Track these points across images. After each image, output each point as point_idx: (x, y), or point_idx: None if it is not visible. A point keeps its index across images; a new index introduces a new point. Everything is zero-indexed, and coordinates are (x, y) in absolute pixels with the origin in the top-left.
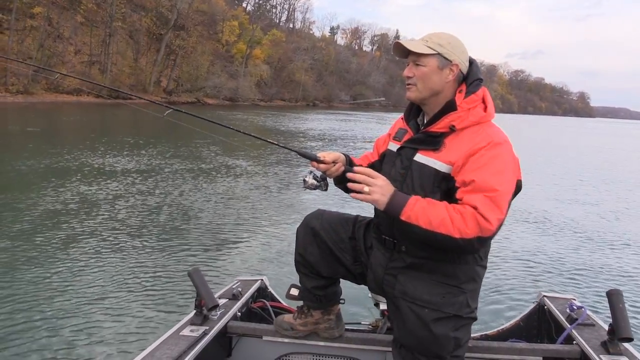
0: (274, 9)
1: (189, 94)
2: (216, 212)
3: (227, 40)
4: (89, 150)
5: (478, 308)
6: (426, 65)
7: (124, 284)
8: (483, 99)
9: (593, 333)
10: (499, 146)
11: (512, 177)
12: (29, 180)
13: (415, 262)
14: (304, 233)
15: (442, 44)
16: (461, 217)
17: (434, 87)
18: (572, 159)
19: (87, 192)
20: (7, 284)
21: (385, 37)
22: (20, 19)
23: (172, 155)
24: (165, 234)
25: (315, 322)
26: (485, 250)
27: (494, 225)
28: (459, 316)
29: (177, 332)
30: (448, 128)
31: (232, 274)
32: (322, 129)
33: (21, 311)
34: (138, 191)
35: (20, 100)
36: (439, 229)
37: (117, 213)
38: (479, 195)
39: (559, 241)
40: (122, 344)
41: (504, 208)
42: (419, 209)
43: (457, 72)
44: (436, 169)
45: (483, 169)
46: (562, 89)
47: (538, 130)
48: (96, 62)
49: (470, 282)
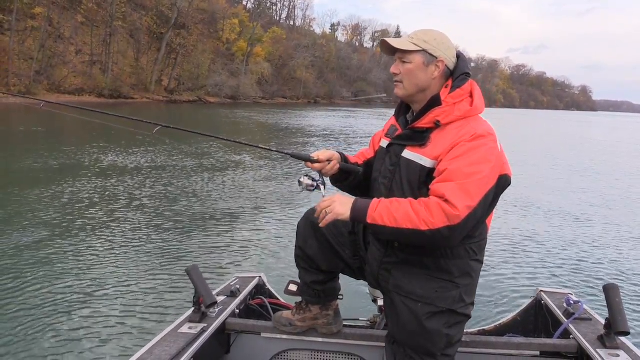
0: (274, 7)
1: (191, 93)
2: (214, 210)
3: (228, 39)
4: (89, 150)
5: (475, 303)
6: (412, 62)
7: (121, 282)
8: (471, 93)
9: (590, 327)
10: (481, 138)
11: (490, 169)
12: (21, 179)
13: (408, 258)
14: (304, 227)
15: (427, 40)
16: (425, 208)
17: (419, 83)
18: (570, 152)
19: (84, 190)
20: (9, 281)
21: (386, 34)
22: (21, 19)
23: (172, 154)
24: (163, 232)
25: (313, 317)
26: (480, 245)
27: (462, 212)
28: (452, 311)
29: (176, 330)
30: (433, 123)
31: (230, 271)
32: (324, 126)
33: (19, 309)
34: (135, 189)
35: (22, 101)
36: (405, 225)
37: (114, 211)
38: (449, 184)
39: (556, 235)
40: (120, 342)
41: (475, 196)
42: (382, 209)
43: (443, 68)
44: (422, 165)
45: (459, 158)
46: (564, 83)
47: (538, 123)
48: (97, 62)
49: (464, 276)
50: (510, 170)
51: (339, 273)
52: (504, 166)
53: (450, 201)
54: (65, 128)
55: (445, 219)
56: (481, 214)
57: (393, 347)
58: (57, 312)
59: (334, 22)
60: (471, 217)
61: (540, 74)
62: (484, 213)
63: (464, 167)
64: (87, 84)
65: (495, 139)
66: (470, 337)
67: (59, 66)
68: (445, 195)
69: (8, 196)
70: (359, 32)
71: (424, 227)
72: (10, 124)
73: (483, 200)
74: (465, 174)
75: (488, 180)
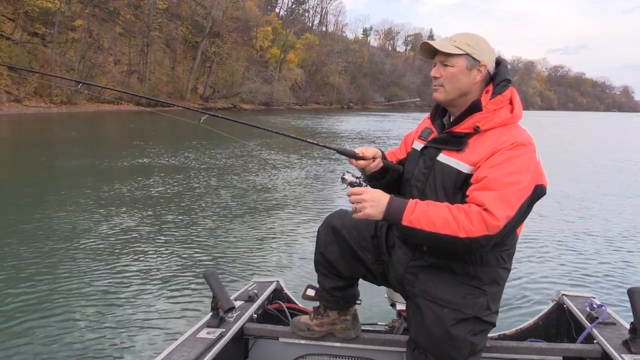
0: (307, 13)
1: (225, 100)
2: (232, 214)
3: (261, 46)
4: (121, 155)
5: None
6: (454, 66)
7: (140, 287)
8: (510, 100)
9: (614, 332)
10: (521, 147)
11: (528, 179)
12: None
13: (436, 262)
14: (324, 232)
15: (470, 44)
16: (466, 216)
17: (461, 87)
18: (600, 156)
19: (105, 194)
20: (25, 286)
21: (419, 37)
22: (62, 32)
23: (202, 159)
24: (181, 236)
25: (331, 322)
26: (509, 253)
27: (501, 222)
28: (478, 318)
29: (194, 335)
30: (472, 129)
31: (248, 275)
32: (358, 129)
33: (34, 310)
34: (154, 193)
35: (64, 110)
36: (443, 230)
37: (134, 215)
38: (489, 192)
39: (578, 239)
40: (139, 347)
41: (514, 206)
42: (420, 212)
43: (485, 73)
44: (458, 170)
45: (499, 167)
46: (604, 84)
47: (573, 126)
48: (135, 72)
49: (492, 284)
50: (546, 180)
51: (359, 279)
52: (540, 176)
53: (491, 211)
54: (106, 135)
55: (485, 229)
56: (515, 223)
57: (414, 353)
58: (75, 317)
59: (366, 27)
60: (507, 227)
61: (579, 75)
62: (518, 222)
63: (504, 176)
64: (125, 94)
65: (534, 148)
66: (491, 342)
67: (99, 76)
68: (486, 205)
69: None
70: (392, 36)
71: (463, 235)
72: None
73: (519, 210)
74: (505, 184)
75: (526, 190)
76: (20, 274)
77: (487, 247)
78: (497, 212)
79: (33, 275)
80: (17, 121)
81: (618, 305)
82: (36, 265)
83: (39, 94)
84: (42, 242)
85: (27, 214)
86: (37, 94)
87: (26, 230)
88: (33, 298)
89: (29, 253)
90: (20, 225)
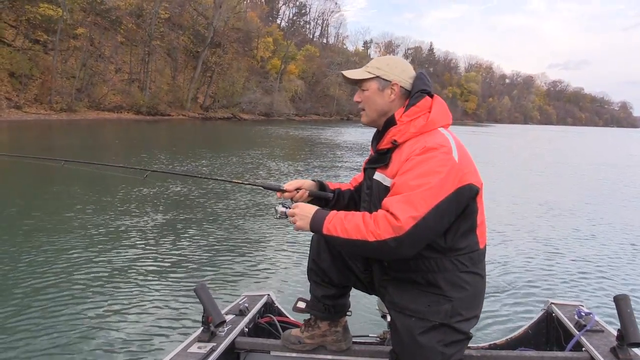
0: (308, 25)
1: (225, 110)
2: (222, 228)
3: (262, 57)
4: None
5: (484, 317)
6: (368, 89)
7: (130, 302)
8: (430, 108)
9: (602, 339)
10: (431, 151)
11: (439, 180)
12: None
13: (398, 275)
14: (317, 239)
15: (379, 67)
16: (374, 221)
17: (378, 108)
18: (590, 167)
19: (94, 207)
20: (18, 290)
21: (419, 50)
22: (64, 39)
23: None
24: (170, 251)
25: (322, 334)
26: (470, 257)
27: (405, 224)
28: (447, 325)
29: (185, 350)
30: (391, 143)
31: (239, 289)
32: (358, 141)
33: (25, 319)
34: (144, 208)
35: (64, 118)
36: (355, 236)
37: (121, 232)
38: (395, 197)
39: (566, 247)
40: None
41: (420, 207)
42: (336, 221)
43: (399, 90)
44: (384, 185)
45: (407, 172)
46: (603, 99)
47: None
48: (136, 80)
49: (455, 289)
50: (478, 179)
51: (350, 288)
52: (464, 176)
53: (394, 213)
54: (106, 143)
55: (392, 231)
56: (435, 225)
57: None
58: (64, 331)
59: (366, 40)
60: (420, 228)
61: (577, 90)
62: (441, 224)
63: (410, 179)
64: (126, 102)
65: (449, 149)
66: (481, 352)
67: (99, 84)
68: (390, 208)
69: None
70: (392, 49)
71: (372, 238)
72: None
73: (434, 211)
74: (410, 187)
75: (437, 191)
76: (5, 293)
77: (404, 249)
78: (399, 214)
79: (18, 292)
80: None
81: (606, 313)
82: (22, 282)
83: (39, 100)
84: (26, 260)
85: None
86: (37, 100)
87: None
88: (19, 314)
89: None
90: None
